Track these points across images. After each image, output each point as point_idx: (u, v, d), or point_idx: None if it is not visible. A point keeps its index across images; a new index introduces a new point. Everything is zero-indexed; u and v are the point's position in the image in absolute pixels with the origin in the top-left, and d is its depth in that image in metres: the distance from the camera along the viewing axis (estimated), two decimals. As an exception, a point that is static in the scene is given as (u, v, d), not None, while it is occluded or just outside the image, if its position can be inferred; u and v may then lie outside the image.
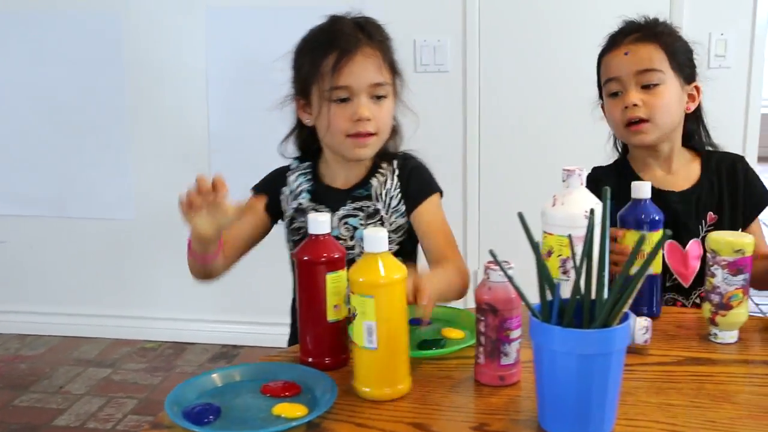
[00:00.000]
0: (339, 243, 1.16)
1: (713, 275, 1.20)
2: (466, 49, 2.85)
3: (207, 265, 1.39)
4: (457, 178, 2.92)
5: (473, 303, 1.11)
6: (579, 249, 1.01)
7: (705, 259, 1.24)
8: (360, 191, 1.44)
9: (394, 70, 1.43)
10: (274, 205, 1.50)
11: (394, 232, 1.43)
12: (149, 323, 3.25)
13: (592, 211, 0.98)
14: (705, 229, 1.49)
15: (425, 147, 3.05)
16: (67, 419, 2.61)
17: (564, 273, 1.20)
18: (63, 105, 3.19)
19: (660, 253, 1.30)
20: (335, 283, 1.12)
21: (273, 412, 1.01)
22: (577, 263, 0.95)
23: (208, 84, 3.06)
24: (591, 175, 1.63)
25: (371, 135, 1.37)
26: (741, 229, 1.50)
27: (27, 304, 3.39)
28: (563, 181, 1.23)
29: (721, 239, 1.19)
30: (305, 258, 1.12)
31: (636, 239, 0.94)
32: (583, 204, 1.20)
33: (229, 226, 1.30)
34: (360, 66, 1.35)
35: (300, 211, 1.46)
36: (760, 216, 1.52)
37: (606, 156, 2.64)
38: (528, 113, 2.84)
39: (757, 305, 3.55)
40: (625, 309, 0.92)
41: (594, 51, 2.75)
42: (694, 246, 1.48)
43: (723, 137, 2.71)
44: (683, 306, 1.48)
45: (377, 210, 1.42)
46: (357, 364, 1.07)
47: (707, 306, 1.22)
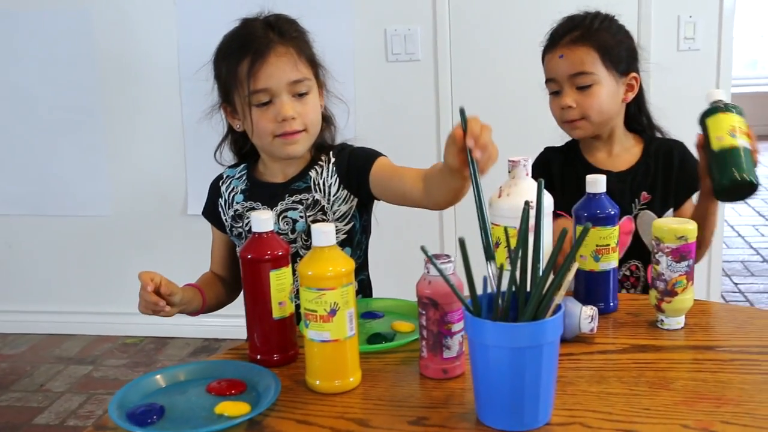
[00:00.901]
0: (282, 240, 1.17)
1: (657, 262, 1.21)
2: (436, 37, 2.85)
3: (203, 312, 1.46)
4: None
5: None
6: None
7: (638, 238, 1.45)
8: (298, 184, 1.44)
9: (313, 63, 1.42)
10: (221, 222, 1.52)
11: (339, 220, 1.44)
12: (130, 318, 3.25)
13: (527, 203, 0.98)
14: (638, 208, 1.58)
15: (399, 136, 3.07)
16: (47, 417, 2.62)
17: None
18: (36, 103, 3.18)
19: (616, 247, 1.30)
20: (279, 280, 1.13)
21: (216, 410, 1.02)
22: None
23: (180, 78, 3.05)
24: (541, 157, 1.67)
25: (299, 132, 1.37)
26: (673, 209, 1.58)
27: (8, 302, 3.39)
28: (509, 172, 1.24)
29: (665, 227, 1.19)
30: (249, 256, 1.13)
31: (580, 232, 0.94)
32: (528, 194, 1.20)
33: (183, 303, 1.36)
34: (275, 66, 1.35)
35: (237, 218, 1.47)
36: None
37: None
38: (500, 101, 2.84)
39: (726, 301, 3.56)
40: (557, 301, 0.93)
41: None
42: (626, 222, 1.56)
43: (694, 116, 2.73)
44: None
45: (317, 201, 1.42)
46: (308, 357, 1.08)
47: (653, 293, 1.23)
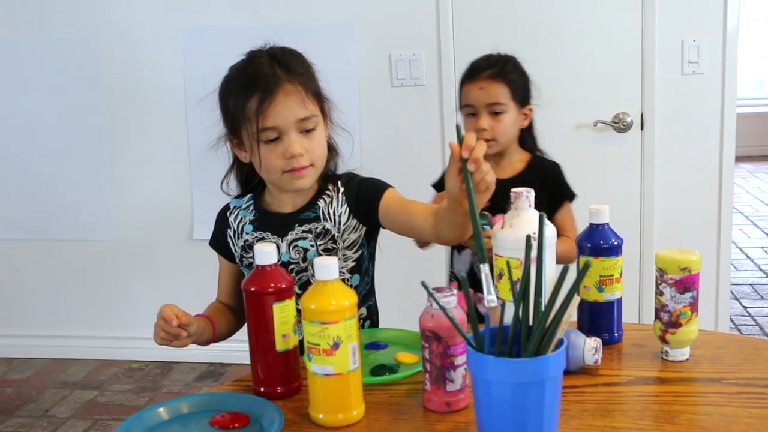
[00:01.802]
0: (287, 272, 1.17)
1: (661, 293, 1.20)
2: (441, 62, 2.86)
3: (214, 342, 1.48)
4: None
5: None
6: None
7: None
8: (307, 214, 1.45)
9: (319, 97, 1.43)
10: (230, 252, 1.52)
11: (348, 248, 1.44)
12: (135, 343, 3.26)
13: (528, 238, 0.98)
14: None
15: (404, 160, 3.07)
16: (51, 444, 2.62)
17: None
18: (43, 129, 3.20)
19: (620, 278, 1.30)
20: (283, 313, 1.13)
21: (219, 445, 1.02)
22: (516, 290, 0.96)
23: (186, 104, 3.07)
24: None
25: (306, 167, 1.38)
26: (548, 216, 1.62)
27: (13, 327, 3.40)
28: (511, 203, 1.24)
29: (668, 258, 1.19)
30: (252, 289, 1.13)
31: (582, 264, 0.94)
32: (531, 226, 1.20)
33: (197, 334, 1.37)
34: (283, 105, 1.35)
35: (247, 248, 1.47)
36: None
37: (577, 166, 2.66)
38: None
39: (735, 325, 3.55)
40: (559, 335, 0.93)
41: (568, 67, 2.78)
42: (498, 217, 1.64)
43: (700, 139, 2.74)
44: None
45: (327, 230, 1.43)
46: (312, 390, 1.07)
47: (657, 324, 1.22)
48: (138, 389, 3.04)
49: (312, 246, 1.42)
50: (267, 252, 1.13)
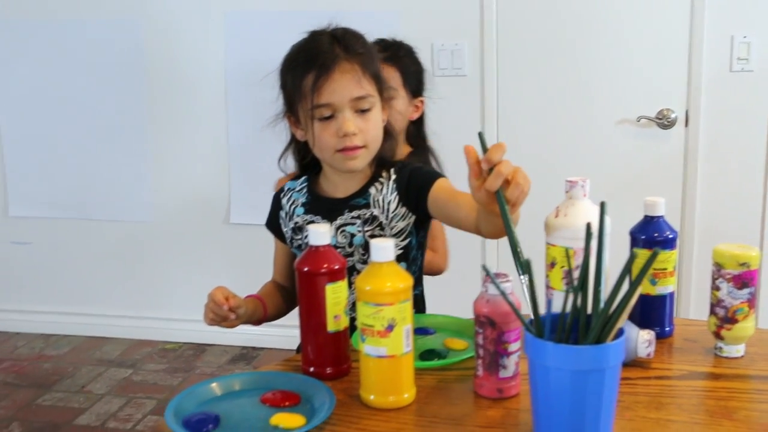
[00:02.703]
0: (339, 253, 1.17)
1: (718, 288, 1.19)
2: (483, 53, 2.85)
3: (266, 321, 1.51)
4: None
5: (476, 313, 1.11)
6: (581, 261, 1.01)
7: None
8: (358, 200, 1.44)
9: (377, 79, 1.42)
10: (282, 233, 1.54)
11: (396, 236, 1.44)
12: (170, 324, 3.29)
13: (588, 226, 0.97)
14: None
15: (442, 151, 3.06)
16: (88, 418, 2.65)
17: (567, 285, 1.20)
18: (85, 110, 3.23)
19: (674, 272, 1.28)
20: (335, 294, 1.13)
21: (271, 422, 1.02)
22: (575, 277, 0.95)
23: (227, 88, 3.08)
24: None
25: (359, 148, 1.38)
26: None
27: (51, 304, 3.45)
28: (566, 192, 1.23)
29: (726, 252, 1.17)
30: (305, 269, 1.13)
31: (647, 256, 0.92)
32: (586, 215, 1.19)
33: (247, 315, 1.41)
34: (338, 83, 1.35)
35: (297, 230, 1.48)
36: None
37: (618, 161, 2.63)
38: (546, 117, 2.83)
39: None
40: (620, 324, 0.92)
41: (612, 61, 2.75)
42: None
43: (746, 138, 2.69)
44: None
45: (375, 216, 1.42)
46: (364, 371, 1.08)
47: (712, 320, 1.20)
48: (171, 369, 3.07)
49: (359, 231, 1.42)
50: (321, 232, 1.13)
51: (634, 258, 0.88)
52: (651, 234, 1.26)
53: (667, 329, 1.28)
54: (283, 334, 3.10)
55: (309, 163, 1.52)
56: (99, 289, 3.40)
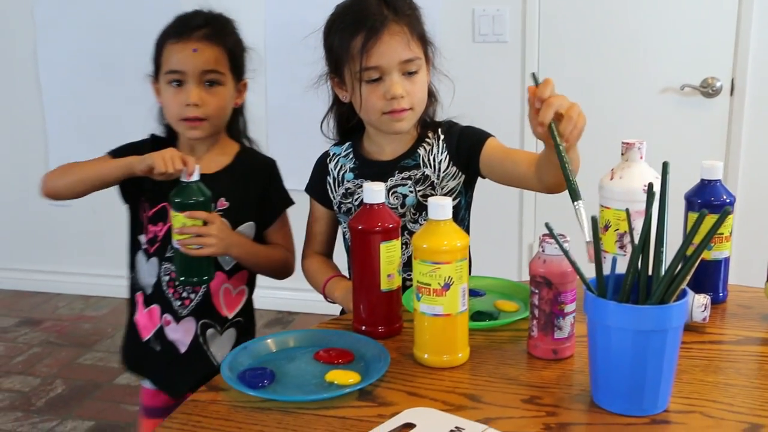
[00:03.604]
0: (393, 212, 1.17)
1: (777, 254, 1.17)
2: (525, 19, 2.80)
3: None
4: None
5: (527, 276, 1.10)
6: (636, 224, 1.00)
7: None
8: (407, 161, 1.44)
9: (424, 41, 1.41)
10: (327, 199, 1.53)
11: (446, 196, 1.43)
12: (207, 288, 3.31)
13: (650, 186, 0.96)
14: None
15: (481, 118, 3.02)
16: (128, 378, 2.70)
17: (621, 248, 1.19)
18: (123, 72, 3.24)
19: (729, 237, 1.26)
20: (389, 252, 1.13)
21: (326, 378, 1.03)
22: (635, 238, 0.94)
23: (266, 53, 3.07)
24: None
25: (406, 110, 1.37)
26: (264, 227, 1.59)
27: (91, 266, 3.49)
28: (622, 155, 1.22)
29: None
30: (360, 227, 1.13)
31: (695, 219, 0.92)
32: (642, 178, 1.18)
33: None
34: (388, 45, 1.34)
35: (347, 195, 1.47)
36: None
37: (660, 130, 2.59)
38: (588, 85, 2.78)
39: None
40: (683, 286, 0.91)
41: (656, 28, 2.69)
42: None
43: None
44: None
45: (427, 176, 1.42)
46: (418, 330, 1.08)
47: (769, 285, 1.19)
48: (208, 332, 3.10)
49: (411, 192, 1.42)
50: (376, 190, 1.13)
51: (704, 216, 0.86)
52: (707, 198, 1.24)
53: (721, 295, 1.27)
54: (317, 298, 3.12)
55: (351, 128, 1.51)
56: (137, 253, 3.43)
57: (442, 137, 1.45)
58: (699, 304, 1.14)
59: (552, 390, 0.99)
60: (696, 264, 0.89)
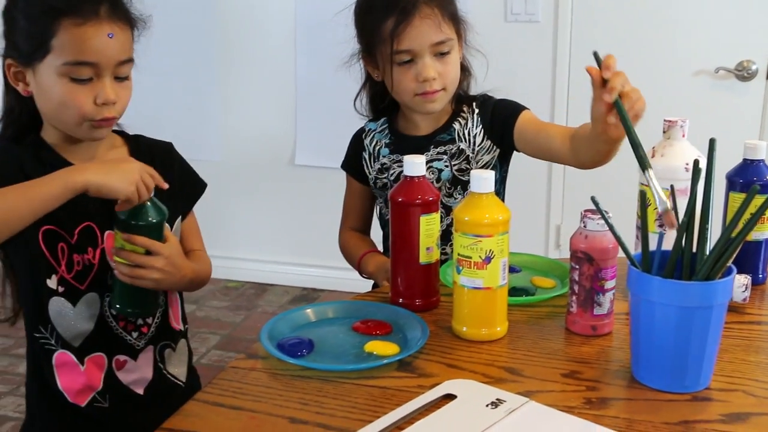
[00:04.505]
0: (433, 185, 1.16)
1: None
2: (558, -2, 2.78)
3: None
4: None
5: (562, 253, 1.10)
6: (678, 202, 0.99)
7: None
8: (442, 136, 1.44)
9: (455, 20, 1.40)
10: (363, 174, 1.53)
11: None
12: (233, 263, 3.33)
13: (696, 162, 0.95)
14: None
15: (511, 98, 3.00)
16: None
17: (660, 226, 1.18)
18: (153, 49, 3.23)
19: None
20: (429, 225, 1.13)
21: (365, 348, 1.03)
22: (679, 216, 0.94)
23: (296, 30, 3.06)
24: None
25: (438, 91, 1.37)
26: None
27: (118, 239, 3.52)
28: (663, 132, 1.21)
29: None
30: (400, 199, 1.13)
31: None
32: (684, 156, 1.17)
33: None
34: (418, 29, 1.34)
35: (383, 170, 1.48)
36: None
37: (693, 113, 2.53)
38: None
39: None
40: (729, 263, 0.90)
41: (691, 9, 2.65)
42: None
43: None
44: None
45: (462, 150, 1.42)
46: (457, 303, 1.08)
47: (811, 267, 1.18)
48: (234, 307, 3.12)
49: (446, 166, 1.42)
50: (417, 163, 1.12)
51: (754, 193, 0.86)
52: (750, 178, 1.23)
53: (761, 276, 1.26)
54: (343, 276, 3.14)
55: (384, 106, 1.51)
56: (164, 227, 3.45)
57: (476, 111, 1.45)
58: (740, 284, 1.13)
59: (592, 365, 0.99)
60: (743, 240, 0.88)
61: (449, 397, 0.90)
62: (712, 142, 0.97)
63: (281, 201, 3.27)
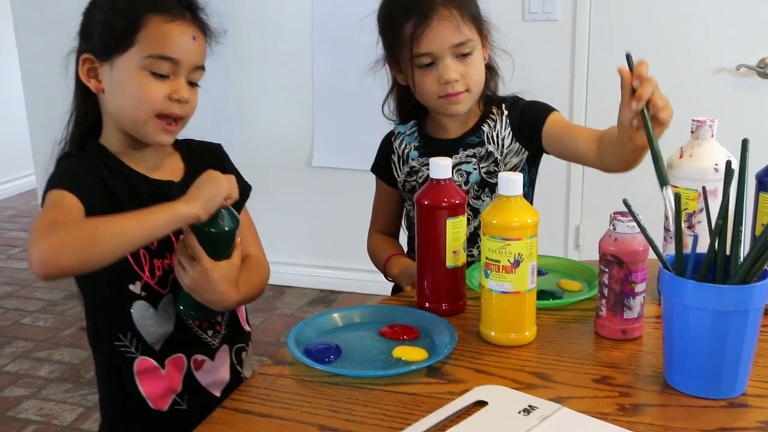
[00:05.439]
0: (460, 188, 1.15)
1: None
2: (577, -3, 2.76)
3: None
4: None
5: (589, 256, 1.09)
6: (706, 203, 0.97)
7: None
8: (471, 139, 1.43)
9: (476, 20, 1.39)
10: (392, 177, 1.53)
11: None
12: (250, 265, 3.33)
13: (728, 164, 0.94)
14: None
15: (529, 98, 2.99)
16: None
17: (689, 228, 1.16)
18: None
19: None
20: (455, 228, 1.12)
21: (393, 354, 1.02)
22: (711, 218, 0.92)
23: (313, 32, 3.06)
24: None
25: (461, 93, 1.36)
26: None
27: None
28: (692, 132, 1.19)
29: None
30: (426, 202, 1.12)
31: None
32: (713, 156, 1.15)
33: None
34: (437, 32, 1.33)
35: (412, 173, 1.47)
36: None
37: (714, 111, 2.53)
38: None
39: None
40: (765, 266, 0.89)
41: (713, 5, 2.63)
42: None
43: None
44: None
45: (490, 152, 1.41)
46: (485, 307, 1.07)
47: None
48: (252, 309, 3.10)
49: (475, 169, 1.41)
50: (443, 165, 1.11)
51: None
52: (781, 178, 1.21)
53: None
54: (361, 278, 3.14)
55: (410, 111, 1.51)
56: (181, 229, 3.46)
57: (505, 113, 1.44)
58: (772, 286, 1.11)
59: (623, 370, 0.98)
60: (779, 245, 0.87)
61: (480, 404, 0.89)
62: (745, 142, 0.95)
63: (299, 202, 3.27)
